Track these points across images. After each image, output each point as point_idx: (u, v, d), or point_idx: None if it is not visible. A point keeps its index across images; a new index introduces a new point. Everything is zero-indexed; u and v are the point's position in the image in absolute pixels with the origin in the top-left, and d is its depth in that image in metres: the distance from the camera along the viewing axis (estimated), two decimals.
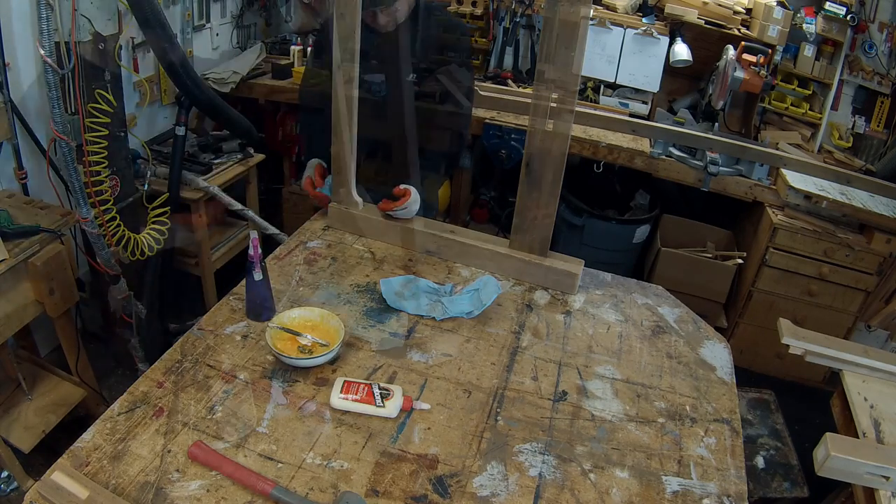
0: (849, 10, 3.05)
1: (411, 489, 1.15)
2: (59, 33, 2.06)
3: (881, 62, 3.12)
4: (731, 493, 1.20)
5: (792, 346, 1.78)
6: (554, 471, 1.22)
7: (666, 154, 3.06)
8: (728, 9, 3.27)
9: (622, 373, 1.50)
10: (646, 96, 3.45)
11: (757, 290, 3.03)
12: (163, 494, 1.09)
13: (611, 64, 3.40)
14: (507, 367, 1.48)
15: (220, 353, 1.42)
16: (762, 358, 3.09)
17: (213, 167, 2.96)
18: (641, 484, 1.21)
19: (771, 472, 2.26)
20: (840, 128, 3.34)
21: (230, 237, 3.19)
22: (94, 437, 1.19)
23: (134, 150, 2.67)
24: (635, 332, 1.66)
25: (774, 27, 3.14)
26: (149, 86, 2.98)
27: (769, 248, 2.89)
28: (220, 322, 1.53)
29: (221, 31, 3.49)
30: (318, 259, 1.83)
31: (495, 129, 3.10)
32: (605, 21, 3.32)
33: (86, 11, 2.17)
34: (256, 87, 3.35)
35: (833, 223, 2.86)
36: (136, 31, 2.67)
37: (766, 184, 2.99)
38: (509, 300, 1.73)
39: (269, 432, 1.24)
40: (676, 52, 3.25)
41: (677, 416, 1.39)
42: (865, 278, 2.86)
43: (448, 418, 1.31)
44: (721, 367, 1.57)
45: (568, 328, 1.65)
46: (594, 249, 3.24)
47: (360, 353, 1.48)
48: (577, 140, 3.05)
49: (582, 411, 1.38)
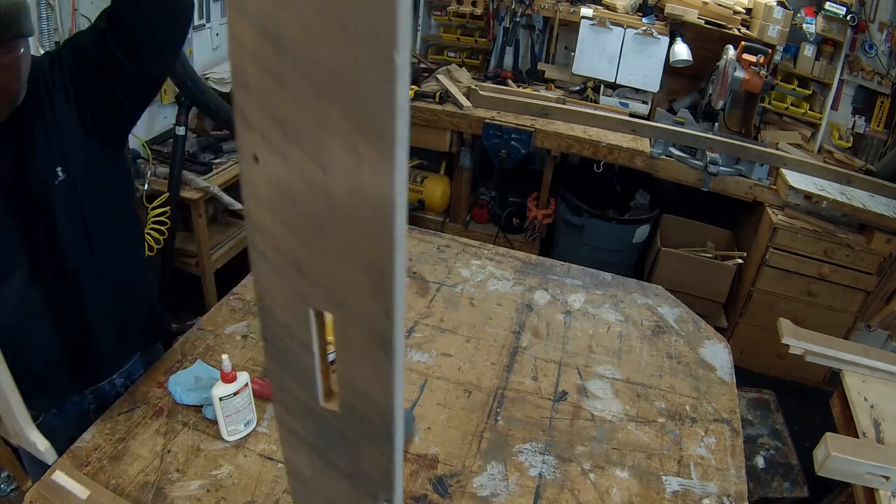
0: (849, 10, 3.05)
1: (411, 489, 1.15)
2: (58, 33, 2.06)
3: (881, 62, 3.12)
4: (731, 493, 1.20)
5: (792, 346, 1.78)
6: (554, 471, 1.22)
7: (666, 154, 3.06)
8: (728, 9, 3.27)
9: (622, 373, 1.50)
10: (646, 96, 3.45)
11: (757, 290, 3.02)
12: (163, 494, 1.10)
13: (611, 64, 3.40)
14: (507, 367, 1.48)
15: (220, 353, 1.42)
16: (762, 358, 3.09)
17: (213, 167, 2.96)
18: (641, 484, 1.21)
19: (771, 472, 2.26)
20: (840, 128, 3.34)
21: (230, 237, 3.19)
22: (94, 437, 1.19)
23: (134, 149, 2.67)
24: (635, 332, 1.66)
25: (774, 27, 3.14)
26: None
27: (769, 248, 2.89)
28: (220, 322, 1.53)
29: (221, 31, 3.49)
30: None
31: (495, 129, 3.10)
32: (605, 21, 3.32)
33: (86, 11, 2.17)
34: None
35: (833, 223, 2.86)
36: None
37: (766, 184, 2.99)
38: (509, 300, 1.73)
39: (270, 432, 1.24)
40: (676, 52, 3.24)
41: (677, 416, 1.39)
42: (865, 278, 2.85)
43: (448, 418, 1.31)
44: (721, 367, 1.57)
45: (568, 328, 1.65)
46: (594, 249, 3.24)
47: None
48: (577, 140, 3.05)
49: (582, 411, 1.38)
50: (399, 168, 0.40)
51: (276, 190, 0.45)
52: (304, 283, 0.48)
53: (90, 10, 2.16)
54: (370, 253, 0.44)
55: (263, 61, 0.40)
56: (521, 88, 3.45)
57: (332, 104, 0.39)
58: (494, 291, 1.77)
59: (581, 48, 3.40)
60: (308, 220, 0.45)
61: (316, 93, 0.40)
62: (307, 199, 0.44)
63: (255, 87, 0.42)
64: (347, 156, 0.41)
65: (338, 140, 0.40)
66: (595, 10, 3.37)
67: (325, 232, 0.45)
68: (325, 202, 0.43)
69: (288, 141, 0.42)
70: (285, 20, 0.38)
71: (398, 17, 0.35)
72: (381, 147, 0.39)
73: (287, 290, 0.49)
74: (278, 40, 0.39)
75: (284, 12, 0.37)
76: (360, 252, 0.45)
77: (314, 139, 0.41)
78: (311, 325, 0.50)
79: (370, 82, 0.38)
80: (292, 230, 0.46)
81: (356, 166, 0.41)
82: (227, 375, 1.17)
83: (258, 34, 0.39)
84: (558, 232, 3.44)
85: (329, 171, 0.42)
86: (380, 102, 0.38)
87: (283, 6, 0.37)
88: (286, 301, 0.50)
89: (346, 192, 0.42)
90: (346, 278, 0.46)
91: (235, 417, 1.20)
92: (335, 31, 0.37)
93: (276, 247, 0.48)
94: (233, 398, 1.18)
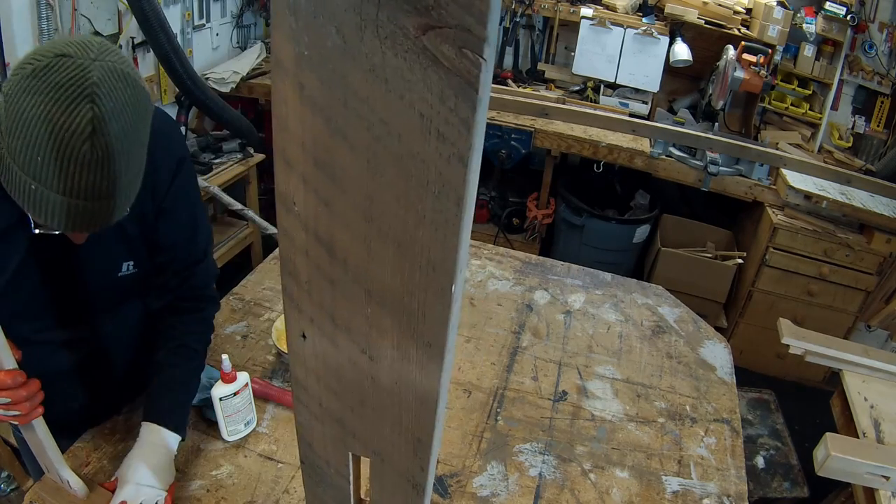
0: (849, 10, 3.05)
1: None
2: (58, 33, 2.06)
3: (881, 62, 3.12)
4: (731, 493, 1.20)
5: (792, 346, 1.78)
6: (554, 471, 1.22)
7: (666, 154, 3.06)
8: (728, 9, 3.27)
9: (622, 373, 1.50)
10: (646, 96, 3.45)
11: (757, 290, 3.02)
12: None
13: (611, 64, 3.40)
14: (507, 367, 1.48)
15: (220, 353, 1.42)
16: (762, 358, 3.09)
17: (213, 167, 2.96)
18: (641, 484, 1.21)
19: (771, 472, 2.26)
20: (840, 128, 3.34)
21: (230, 237, 3.18)
22: (94, 437, 1.19)
23: None
24: (635, 332, 1.66)
25: (774, 27, 3.14)
26: (149, 85, 2.98)
27: (769, 248, 2.89)
28: (220, 322, 1.53)
29: (221, 31, 3.49)
30: None
31: (495, 129, 3.10)
32: (605, 21, 3.32)
33: (86, 11, 2.17)
34: (256, 87, 3.34)
35: (833, 223, 2.86)
36: (136, 31, 2.67)
37: (766, 184, 2.99)
38: (509, 300, 1.73)
39: (269, 432, 1.24)
40: (676, 52, 3.24)
41: (677, 416, 1.39)
42: (865, 278, 2.85)
43: (448, 418, 1.31)
44: (721, 367, 1.57)
45: (568, 328, 1.65)
46: (594, 249, 3.24)
47: None
48: (577, 140, 3.05)
49: (582, 411, 1.37)
50: (446, 369, 0.43)
51: (323, 364, 0.47)
52: (346, 434, 0.51)
53: (90, 10, 2.16)
54: (412, 426, 0.48)
55: (314, 260, 0.41)
56: (520, 88, 3.45)
57: (385, 311, 0.41)
58: (494, 291, 1.77)
59: (581, 48, 3.40)
60: (353, 393, 0.47)
61: (368, 299, 0.41)
62: (353, 378, 0.46)
63: (304, 280, 0.42)
64: (396, 353, 0.43)
65: (387, 340, 0.42)
66: (595, 10, 3.37)
67: (368, 404, 0.48)
68: (371, 384, 0.46)
69: (337, 330, 0.44)
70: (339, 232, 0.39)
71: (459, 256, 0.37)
72: (431, 354, 0.42)
73: (328, 434, 0.52)
74: (331, 247, 0.40)
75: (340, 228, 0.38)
76: (402, 424, 0.48)
77: (364, 333, 0.43)
78: (349, 464, 0.54)
79: (426, 304, 0.39)
80: (336, 396, 0.49)
81: (404, 363, 0.43)
82: (227, 375, 1.17)
83: (309, 236, 0.40)
84: (558, 232, 3.44)
85: (377, 361, 0.44)
86: (434, 321, 0.40)
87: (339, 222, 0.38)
88: (326, 442, 0.53)
89: (392, 381, 0.45)
90: (387, 439, 0.49)
91: (235, 417, 1.20)
92: (393, 255, 0.38)
93: (320, 404, 0.50)
94: (233, 398, 1.18)
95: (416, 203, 0.36)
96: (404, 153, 0.35)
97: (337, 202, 0.38)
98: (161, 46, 2.44)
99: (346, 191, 0.37)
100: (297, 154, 0.37)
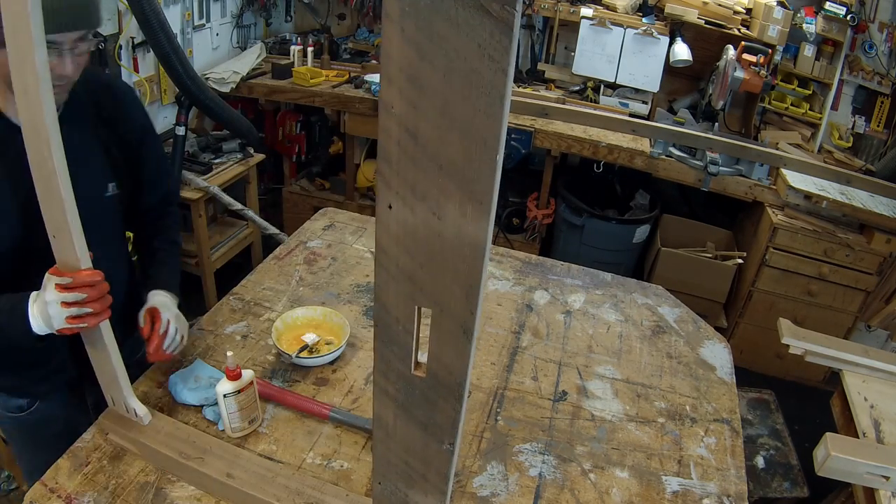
0: (849, 10, 3.05)
1: None
2: None
3: (881, 62, 3.12)
4: (731, 493, 1.20)
5: (792, 346, 1.78)
6: (554, 471, 1.22)
7: (666, 154, 3.06)
8: (728, 9, 3.26)
9: (622, 373, 1.50)
10: (646, 96, 3.45)
11: (757, 290, 3.02)
12: (163, 494, 1.10)
13: (611, 64, 3.40)
14: (507, 367, 1.48)
15: (220, 353, 1.42)
16: (762, 358, 3.09)
17: (213, 167, 2.96)
18: (641, 484, 1.21)
19: (771, 472, 2.26)
20: (840, 128, 3.34)
21: (230, 237, 3.19)
22: (94, 436, 1.19)
23: None
24: (635, 332, 1.66)
25: (774, 27, 3.14)
26: (149, 85, 2.98)
27: (769, 248, 2.89)
28: (220, 322, 1.53)
29: (221, 31, 3.49)
30: (317, 259, 1.83)
31: None
32: (605, 21, 3.32)
33: None
34: (256, 87, 3.35)
35: (833, 223, 2.86)
36: (136, 31, 2.67)
37: (766, 184, 2.99)
38: (509, 300, 1.73)
39: (269, 432, 1.24)
40: (676, 52, 3.24)
41: (677, 416, 1.39)
42: (865, 278, 2.85)
43: None
44: (721, 367, 1.57)
45: (568, 328, 1.65)
46: (594, 249, 3.24)
47: (360, 352, 1.48)
48: (577, 140, 3.05)
49: (582, 411, 1.38)
50: (491, 223, 0.63)
51: (403, 228, 0.66)
52: (415, 289, 0.70)
53: None
54: (465, 273, 0.66)
55: (404, 147, 0.61)
56: (521, 88, 3.45)
57: (451, 180, 0.61)
58: (494, 291, 1.77)
59: (581, 48, 3.40)
60: (423, 250, 0.66)
61: (439, 172, 0.61)
62: (425, 237, 0.65)
63: (395, 163, 0.62)
64: (458, 212, 0.62)
65: (452, 202, 0.62)
66: (595, 10, 3.37)
67: (434, 258, 0.66)
68: (438, 240, 0.65)
69: (415, 199, 0.63)
70: (422, 124, 0.59)
71: (501, 133, 0.57)
72: (481, 210, 0.62)
73: (400, 292, 0.71)
74: (416, 136, 0.60)
75: (423, 121, 0.59)
76: (458, 272, 0.66)
77: (435, 199, 0.63)
78: (415, 317, 0.72)
79: (479, 170, 0.60)
80: (410, 255, 0.67)
81: (463, 219, 0.63)
82: (231, 372, 1.17)
83: (401, 129, 0.60)
84: (558, 232, 3.44)
85: (443, 220, 0.63)
86: (484, 183, 0.60)
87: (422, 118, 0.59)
88: (398, 300, 0.71)
89: (454, 235, 0.64)
90: (446, 288, 0.68)
91: (240, 415, 1.20)
92: (458, 137, 0.58)
93: (396, 264, 0.69)
94: (237, 395, 1.18)
95: (475, 101, 0.56)
96: (468, 69, 0.54)
97: (422, 104, 0.58)
98: (161, 46, 2.44)
99: (428, 96, 0.57)
100: (396, 73, 0.57)
